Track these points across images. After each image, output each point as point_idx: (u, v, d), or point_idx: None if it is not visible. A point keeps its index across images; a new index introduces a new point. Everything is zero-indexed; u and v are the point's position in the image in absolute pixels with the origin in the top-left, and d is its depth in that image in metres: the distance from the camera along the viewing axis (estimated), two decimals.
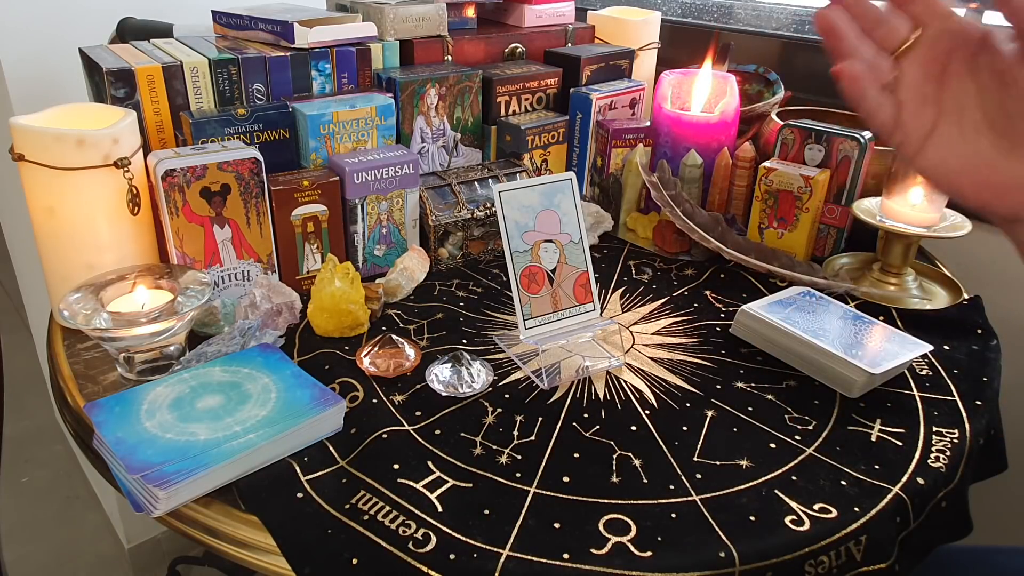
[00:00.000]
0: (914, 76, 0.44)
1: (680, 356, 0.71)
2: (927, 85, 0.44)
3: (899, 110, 0.44)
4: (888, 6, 0.43)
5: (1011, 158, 0.42)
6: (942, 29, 0.43)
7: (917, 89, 0.44)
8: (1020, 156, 0.41)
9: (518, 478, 0.55)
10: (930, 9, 0.42)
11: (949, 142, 0.43)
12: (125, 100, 0.73)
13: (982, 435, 0.63)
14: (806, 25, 1.26)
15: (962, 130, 0.43)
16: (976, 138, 0.43)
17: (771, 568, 0.49)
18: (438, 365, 0.66)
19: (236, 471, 0.53)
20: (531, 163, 0.95)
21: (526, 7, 1.04)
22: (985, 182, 0.43)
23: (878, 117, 0.44)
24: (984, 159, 0.42)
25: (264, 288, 0.70)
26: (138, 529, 1.41)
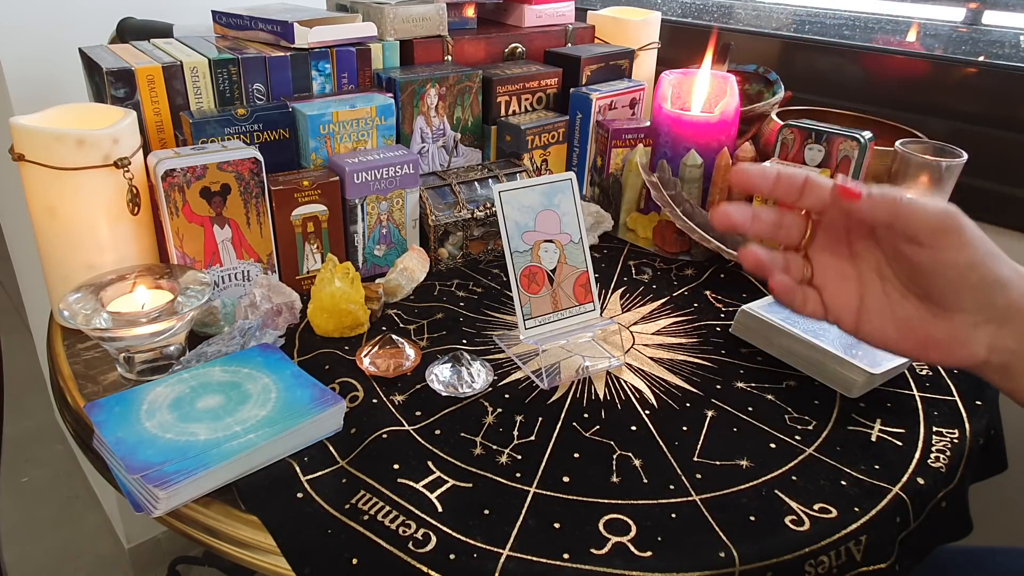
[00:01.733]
0: (825, 261, 0.46)
1: (680, 356, 0.71)
2: (840, 265, 0.46)
3: (822, 295, 0.46)
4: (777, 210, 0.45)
5: (940, 319, 0.43)
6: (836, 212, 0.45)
7: (832, 272, 0.46)
8: (947, 317, 0.43)
9: (518, 478, 0.55)
10: (817, 197, 0.43)
11: (880, 311, 0.45)
12: (125, 100, 0.73)
13: (982, 435, 0.63)
14: (806, 25, 1.27)
15: (888, 297, 0.45)
16: (903, 304, 0.44)
17: (771, 568, 0.49)
18: (438, 365, 0.66)
19: (236, 471, 0.53)
20: (531, 163, 0.95)
21: (526, 7, 1.04)
22: (926, 343, 0.44)
23: (807, 308, 0.46)
24: (917, 322, 0.44)
25: (264, 288, 0.70)
26: (138, 529, 1.41)
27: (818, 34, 1.23)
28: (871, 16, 1.22)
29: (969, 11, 1.12)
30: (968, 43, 1.10)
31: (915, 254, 0.42)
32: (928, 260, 0.41)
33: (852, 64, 1.11)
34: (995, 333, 0.42)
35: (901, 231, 0.41)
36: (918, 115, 1.04)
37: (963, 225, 0.40)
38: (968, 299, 0.42)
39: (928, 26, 1.16)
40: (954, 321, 0.43)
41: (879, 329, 0.45)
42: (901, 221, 0.41)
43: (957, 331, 0.43)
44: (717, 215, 0.45)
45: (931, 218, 0.40)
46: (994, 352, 0.43)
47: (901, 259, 0.43)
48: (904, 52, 1.09)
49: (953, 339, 0.43)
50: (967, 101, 1.01)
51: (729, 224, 0.45)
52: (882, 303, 0.45)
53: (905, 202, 0.40)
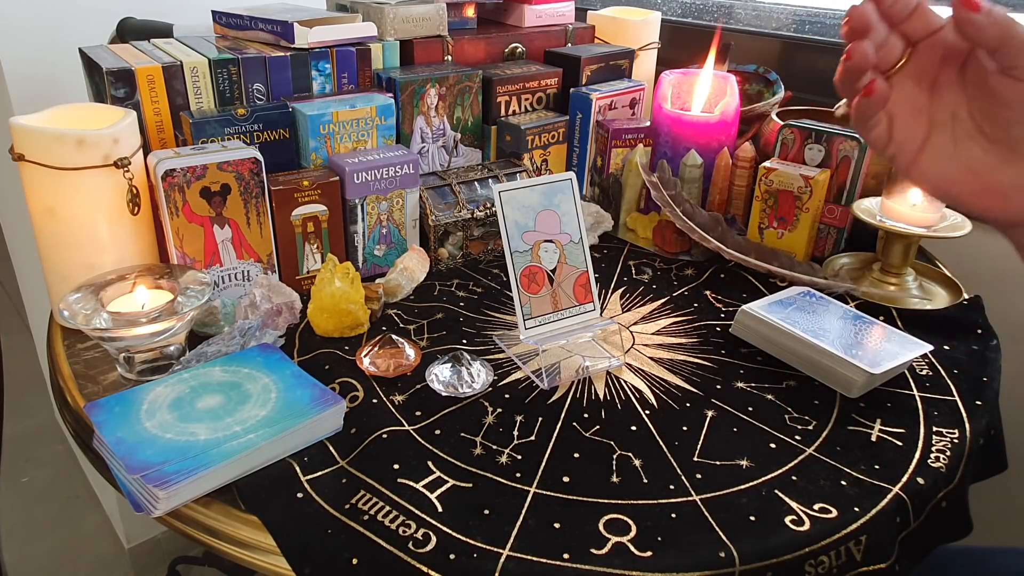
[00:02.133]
0: (905, 90, 0.45)
1: (680, 356, 0.71)
2: (918, 97, 0.45)
3: (891, 124, 0.45)
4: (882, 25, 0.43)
5: (1006, 163, 0.42)
6: (932, 42, 0.43)
7: (908, 102, 0.45)
8: (1014, 162, 0.42)
9: (518, 478, 0.55)
10: (922, 23, 0.43)
11: (943, 152, 0.44)
12: (125, 100, 0.73)
13: (982, 435, 0.63)
14: (806, 25, 1.26)
15: (955, 139, 0.44)
16: (970, 146, 0.43)
17: (771, 568, 0.49)
18: (438, 365, 0.66)
19: (236, 471, 0.53)
20: (531, 163, 0.95)
21: (526, 7, 1.04)
22: (982, 189, 0.43)
23: (874, 131, 0.45)
24: (979, 166, 0.43)
25: (264, 288, 0.70)
26: (138, 529, 1.41)
27: (818, 34, 1.22)
28: None
29: None
30: None
31: (1007, 87, 0.41)
32: (1017, 96, 0.40)
33: None
34: None
35: (1003, 58, 0.40)
36: None
37: None
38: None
39: None
40: (1021, 167, 0.42)
41: (936, 171, 0.44)
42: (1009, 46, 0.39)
43: (1020, 179, 0.42)
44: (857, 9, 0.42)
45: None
46: None
47: (987, 94, 0.42)
48: None
49: (1013, 186, 0.42)
50: None
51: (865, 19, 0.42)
52: (948, 144, 0.44)
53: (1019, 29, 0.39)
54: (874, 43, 0.43)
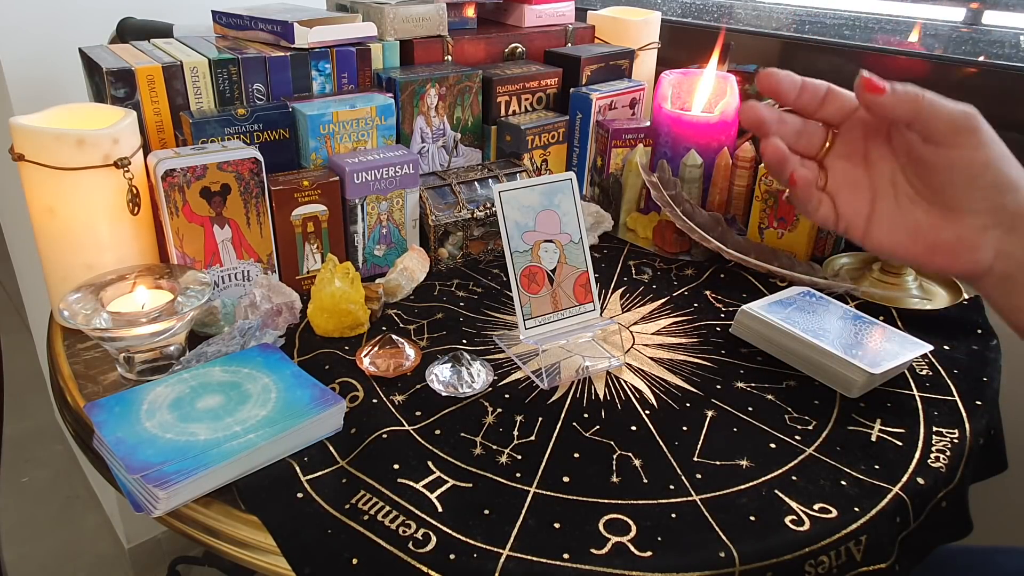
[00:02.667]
0: (840, 168, 0.47)
1: (680, 356, 0.71)
2: (854, 172, 0.47)
3: (835, 202, 0.47)
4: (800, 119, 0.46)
5: (946, 222, 0.44)
6: (852, 121, 0.46)
7: (846, 179, 0.47)
8: (956, 219, 0.44)
9: (518, 478, 0.55)
10: (838, 108, 0.45)
11: (890, 218, 0.46)
12: (125, 100, 0.73)
13: (982, 435, 0.63)
14: (806, 25, 1.26)
15: (899, 204, 0.46)
16: (912, 209, 0.45)
17: (771, 568, 0.49)
18: (438, 365, 0.66)
19: (236, 471, 0.53)
20: (531, 163, 0.95)
21: (526, 7, 1.04)
22: (934, 248, 0.45)
23: (820, 213, 0.47)
24: (926, 228, 0.45)
25: (264, 288, 0.70)
26: (138, 529, 1.41)
27: (818, 34, 1.23)
28: (871, 16, 1.22)
29: (969, 11, 1.12)
30: (968, 43, 1.10)
31: (931, 154, 0.42)
32: (943, 160, 0.42)
33: (852, 64, 1.11)
34: (1002, 238, 0.43)
35: (920, 129, 0.42)
36: None
37: (980, 126, 0.41)
38: (979, 200, 0.42)
39: (928, 26, 1.16)
40: (964, 223, 0.43)
41: (888, 236, 0.46)
42: (922, 118, 0.41)
43: (966, 234, 0.43)
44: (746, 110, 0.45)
45: (950, 116, 0.41)
46: (999, 259, 0.43)
47: (915, 162, 0.44)
48: (904, 52, 1.09)
49: (961, 243, 0.44)
50: (967, 101, 1.01)
51: (757, 119, 0.45)
52: (893, 210, 0.46)
53: (926, 100, 0.41)
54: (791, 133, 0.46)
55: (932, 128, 0.42)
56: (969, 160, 0.42)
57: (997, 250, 0.43)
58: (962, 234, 0.44)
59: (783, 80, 0.44)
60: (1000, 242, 0.43)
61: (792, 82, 0.44)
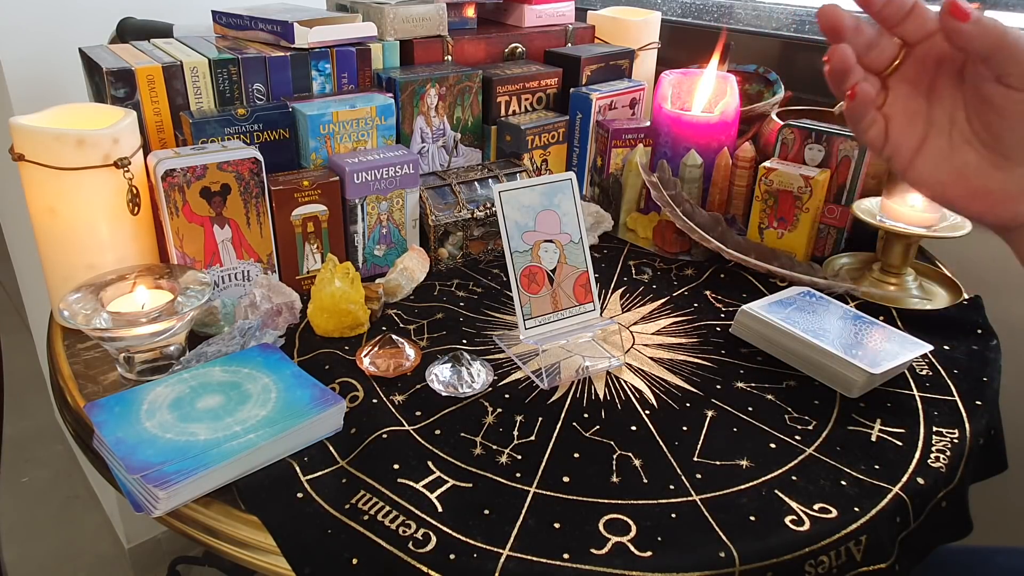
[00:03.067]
0: (902, 92, 0.45)
1: (680, 356, 0.71)
2: (915, 100, 0.45)
3: (888, 126, 0.45)
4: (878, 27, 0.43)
5: (997, 169, 0.43)
6: (929, 45, 0.43)
7: (905, 105, 0.45)
8: (1008, 168, 0.42)
9: (518, 478, 0.55)
10: (919, 26, 0.42)
11: (939, 155, 0.44)
12: (125, 100, 0.73)
13: (982, 435, 0.63)
14: (806, 25, 1.26)
15: (951, 143, 0.44)
16: (965, 150, 0.43)
17: (771, 568, 0.49)
18: (438, 365, 0.66)
19: (236, 471, 0.53)
20: (531, 163, 0.95)
21: (526, 7, 1.04)
22: (976, 193, 0.43)
23: (870, 132, 0.45)
24: (973, 171, 0.43)
25: (264, 288, 0.70)
26: (138, 529, 1.41)
27: (818, 34, 1.22)
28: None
29: None
30: None
31: (1001, 95, 0.41)
32: (1013, 103, 0.41)
33: None
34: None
35: (996, 66, 0.40)
36: None
37: None
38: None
39: None
40: (1013, 173, 0.42)
41: (932, 172, 0.44)
42: (1001, 54, 0.39)
43: (1011, 184, 0.42)
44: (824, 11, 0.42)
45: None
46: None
47: (982, 101, 0.42)
48: None
49: (1005, 192, 0.43)
50: None
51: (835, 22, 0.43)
52: (943, 147, 0.44)
53: (1010, 37, 0.39)
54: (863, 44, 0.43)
55: (1008, 68, 0.40)
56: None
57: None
58: (1008, 184, 0.42)
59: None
60: None
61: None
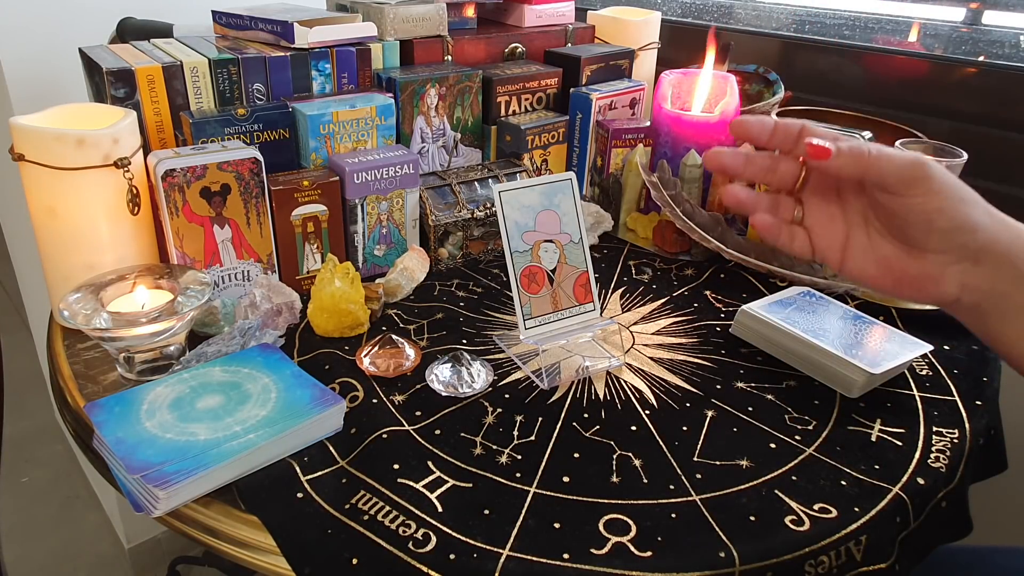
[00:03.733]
0: (815, 203, 0.49)
1: (680, 356, 0.71)
2: (829, 207, 0.49)
3: (810, 236, 0.49)
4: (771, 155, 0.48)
5: (916, 258, 0.46)
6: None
7: (821, 213, 0.49)
8: (922, 256, 0.46)
9: (518, 478, 0.55)
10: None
11: (862, 251, 0.48)
12: (125, 100, 0.73)
13: (982, 435, 0.63)
14: (806, 25, 1.27)
15: (870, 238, 0.48)
16: (882, 243, 0.48)
17: (771, 568, 0.49)
18: (438, 365, 0.66)
19: (236, 471, 0.53)
20: (531, 163, 0.95)
21: (526, 7, 1.04)
22: (902, 280, 0.47)
23: (795, 247, 0.49)
24: (894, 261, 0.47)
25: (264, 288, 0.70)
26: (138, 529, 1.41)
27: (818, 34, 1.23)
28: (871, 16, 1.22)
29: (969, 11, 1.12)
30: (968, 43, 1.10)
31: (887, 201, 0.45)
32: (899, 206, 0.44)
33: (852, 64, 1.11)
34: (967, 272, 0.45)
35: (872, 182, 0.45)
36: (918, 115, 1.04)
37: (930, 174, 0.43)
38: (937, 240, 0.45)
39: (928, 26, 1.16)
40: (927, 260, 0.46)
41: (860, 267, 0.48)
42: (871, 174, 0.44)
43: (930, 269, 0.46)
44: (709, 157, 0.47)
45: (898, 169, 0.43)
46: (966, 291, 0.45)
47: (877, 205, 0.46)
48: (904, 52, 1.09)
49: (926, 277, 0.46)
50: (967, 101, 1.01)
51: (721, 166, 0.47)
52: (864, 243, 0.48)
53: (873, 156, 0.43)
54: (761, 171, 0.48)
55: (883, 181, 0.44)
56: (921, 207, 0.44)
57: (962, 283, 0.45)
58: (926, 269, 0.46)
59: (753, 127, 0.46)
60: (965, 276, 0.45)
61: (763, 128, 0.46)
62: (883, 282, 0.48)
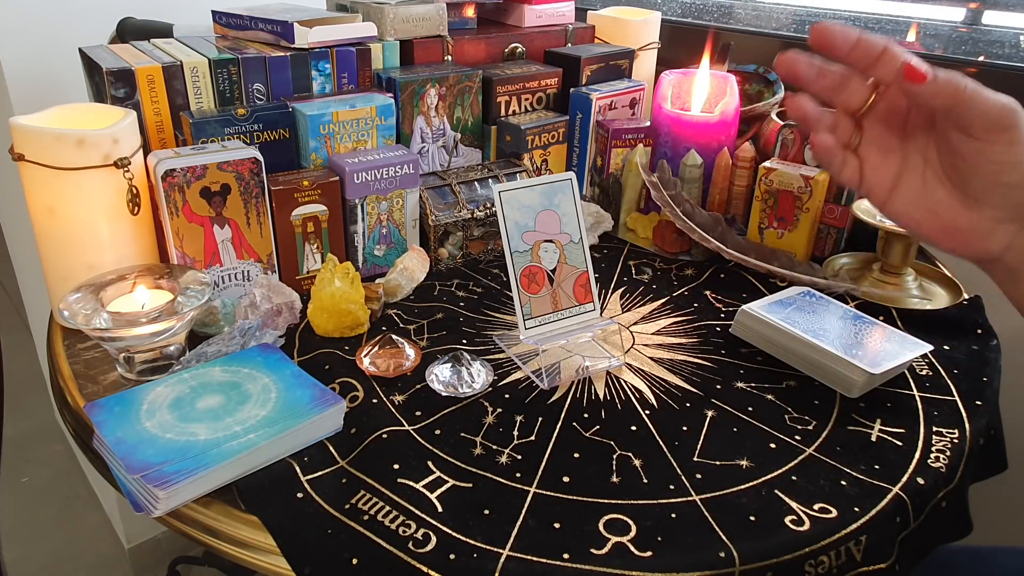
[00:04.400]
0: (876, 132, 0.46)
1: (680, 356, 0.71)
2: (889, 140, 0.46)
3: (862, 166, 0.46)
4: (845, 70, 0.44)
5: (969, 210, 0.44)
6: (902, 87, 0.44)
7: (879, 143, 0.46)
8: (977, 209, 0.43)
9: (518, 478, 0.55)
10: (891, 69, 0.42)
11: (913, 193, 0.45)
12: (125, 100, 0.73)
13: (982, 435, 0.63)
14: (806, 25, 1.26)
15: (924, 181, 0.45)
16: (937, 188, 0.45)
17: (771, 568, 0.49)
18: (438, 365, 0.66)
19: (236, 471, 0.53)
20: (531, 163, 0.95)
21: (526, 7, 1.04)
22: (949, 230, 0.45)
23: (844, 173, 0.46)
24: (945, 209, 0.44)
25: (264, 288, 0.70)
26: (138, 529, 1.41)
27: None
28: (871, 16, 1.22)
29: (969, 11, 1.12)
30: (968, 43, 1.10)
31: (962, 143, 0.42)
32: (974, 151, 0.41)
33: None
34: (1016, 233, 0.43)
35: (956, 119, 0.41)
36: None
37: (1018, 123, 0.40)
38: (1000, 195, 0.42)
39: (928, 26, 1.16)
40: (981, 214, 0.43)
41: (907, 209, 0.45)
42: (961, 109, 0.40)
43: (981, 223, 0.43)
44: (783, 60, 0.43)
45: (990, 111, 0.40)
46: (1009, 251, 0.43)
47: (949, 147, 0.43)
48: None
49: (975, 230, 0.44)
50: None
51: (793, 72, 0.43)
52: (917, 185, 0.45)
53: (969, 91, 0.40)
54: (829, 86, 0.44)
55: (968, 120, 0.41)
56: (998, 156, 0.41)
57: (1008, 243, 0.43)
58: (977, 223, 0.43)
59: (836, 35, 0.42)
60: (1013, 236, 0.43)
61: (846, 38, 0.42)
62: (928, 228, 0.45)
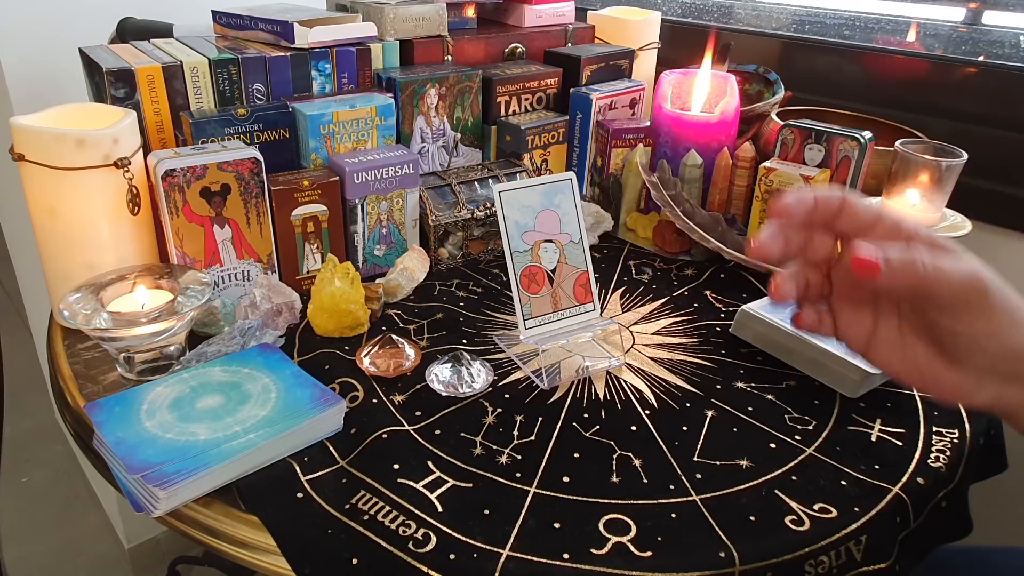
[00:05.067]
0: (846, 284, 0.44)
1: (680, 356, 0.71)
2: (860, 292, 0.44)
3: (835, 319, 0.45)
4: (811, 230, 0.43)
5: (950, 368, 0.42)
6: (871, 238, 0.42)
7: (852, 297, 0.44)
8: (958, 368, 0.42)
9: (518, 478, 0.55)
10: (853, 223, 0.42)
11: (890, 346, 0.44)
12: (125, 100, 0.73)
13: (982, 435, 0.63)
14: (806, 25, 1.27)
15: (902, 335, 0.44)
16: (914, 343, 0.43)
17: (771, 568, 0.49)
18: (438, 365, 0.66)
19: (236, 471, 0.53)
20: (531, 163, 0.95)
21: (526, 7, 1.04)
22: (933, 383, 0.43)
23: (821, 328, 0.45)
24: (926, 365, 0.43)
25: (264, 288, 0.70)
26: (138, 529, 1.41)
27: (818, 34, 1.22)
28: (871, 16, 1.22)
29: (969, 11, 1.12)
30: (968, 43, 1.10)
31: (937, 317, 0.41)
32: (947, 322, 0.40)
33: (852, 64, 1.11)
34: (1001, 387, 0.41)
35: (922, 301, 0.40)
36: (918, 115, 1.04)
37: (988, 291, 0.39)
38: (980, 360, 0.41)
39: (928, 26, 1.16)
40: (964, 373, 0.42)
41: (886, 361, 0.44)
42: (924, 291, 0.39)
43: (964, 381, 0.42)
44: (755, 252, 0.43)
45: (955, 286, 0.39)
46: (999, 403, 0.42)
47: (922, 317, 0.42)
48: (904, 52, 1.09)
49: (958, 387, 0.42)
50: (967, 101, 1.01)
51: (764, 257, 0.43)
52: (894, 338, 0.44)
53: (929, 270, 0.38)
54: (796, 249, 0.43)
55: (936, 299, 0.39)
56: (972, 328, 0.40)
57: (996, 395, 0.42)
58: (960, 380, 0.42)
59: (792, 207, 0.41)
60: (1000, 389, 0.42)
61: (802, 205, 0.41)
62: (910, 380, 0.44)
